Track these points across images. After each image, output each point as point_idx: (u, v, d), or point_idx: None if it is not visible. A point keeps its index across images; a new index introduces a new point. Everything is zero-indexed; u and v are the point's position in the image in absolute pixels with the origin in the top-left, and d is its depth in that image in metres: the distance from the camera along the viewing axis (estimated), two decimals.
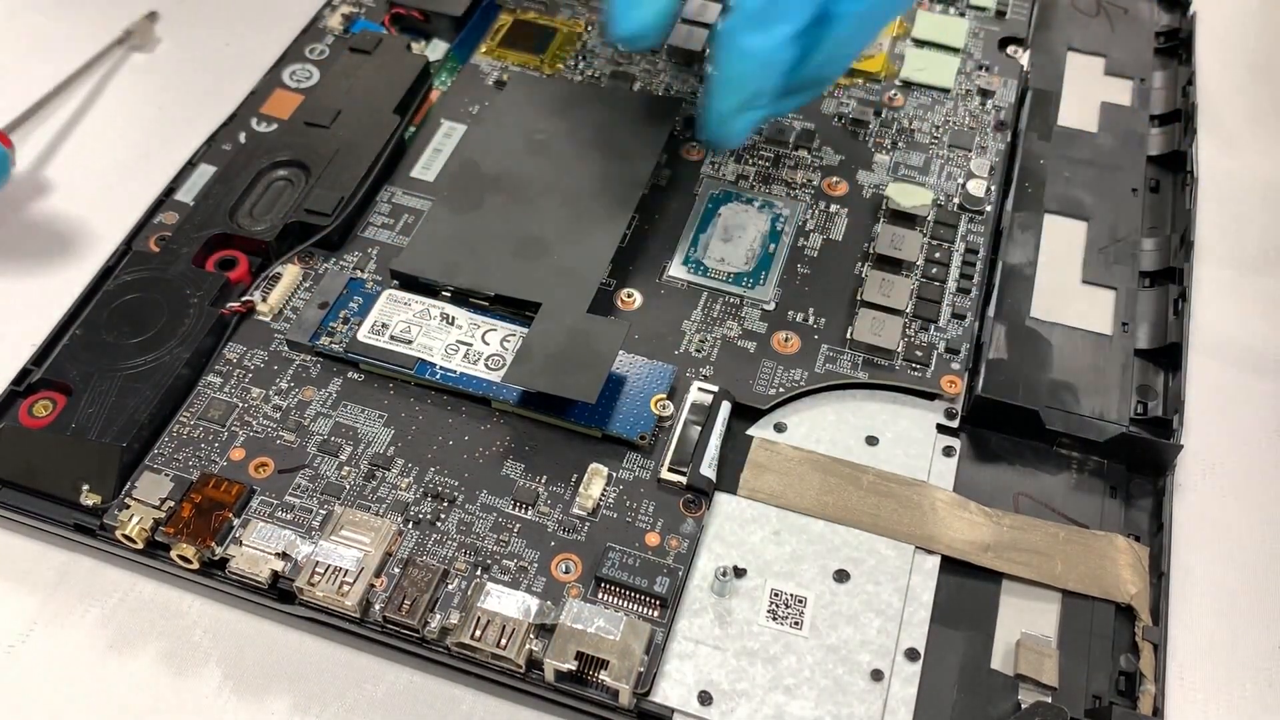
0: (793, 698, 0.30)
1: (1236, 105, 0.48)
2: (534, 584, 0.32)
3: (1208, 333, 0.40)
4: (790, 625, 0.31)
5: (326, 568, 0.31)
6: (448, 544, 0.32)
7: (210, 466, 0.34)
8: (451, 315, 0.37)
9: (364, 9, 0.49)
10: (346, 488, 0.34)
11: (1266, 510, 0.36)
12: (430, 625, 0.31)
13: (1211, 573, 0.34)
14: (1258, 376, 0.39)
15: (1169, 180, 0.43)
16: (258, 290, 0.38)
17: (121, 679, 0.32)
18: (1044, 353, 0.38)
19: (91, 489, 0.33)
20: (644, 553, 0.32)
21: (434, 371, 0.36)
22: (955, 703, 0.30)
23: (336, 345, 0.36)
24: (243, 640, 0.33)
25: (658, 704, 0.30)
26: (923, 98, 0.45)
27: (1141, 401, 0.37)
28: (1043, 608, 0.33)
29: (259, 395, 0.36)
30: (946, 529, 0.33)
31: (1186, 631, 0.33)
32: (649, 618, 0.31)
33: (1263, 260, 0.43)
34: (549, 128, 0.41)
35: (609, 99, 0.43)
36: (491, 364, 0.36)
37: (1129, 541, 0.33)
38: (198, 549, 0.32)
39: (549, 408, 0.35)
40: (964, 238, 0.40)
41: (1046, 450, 0.36)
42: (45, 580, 0.34)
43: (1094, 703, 0.31)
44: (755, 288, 0.39)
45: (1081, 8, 0.50)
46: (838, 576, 0.32)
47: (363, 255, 0.40)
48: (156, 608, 0.33)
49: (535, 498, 0.33)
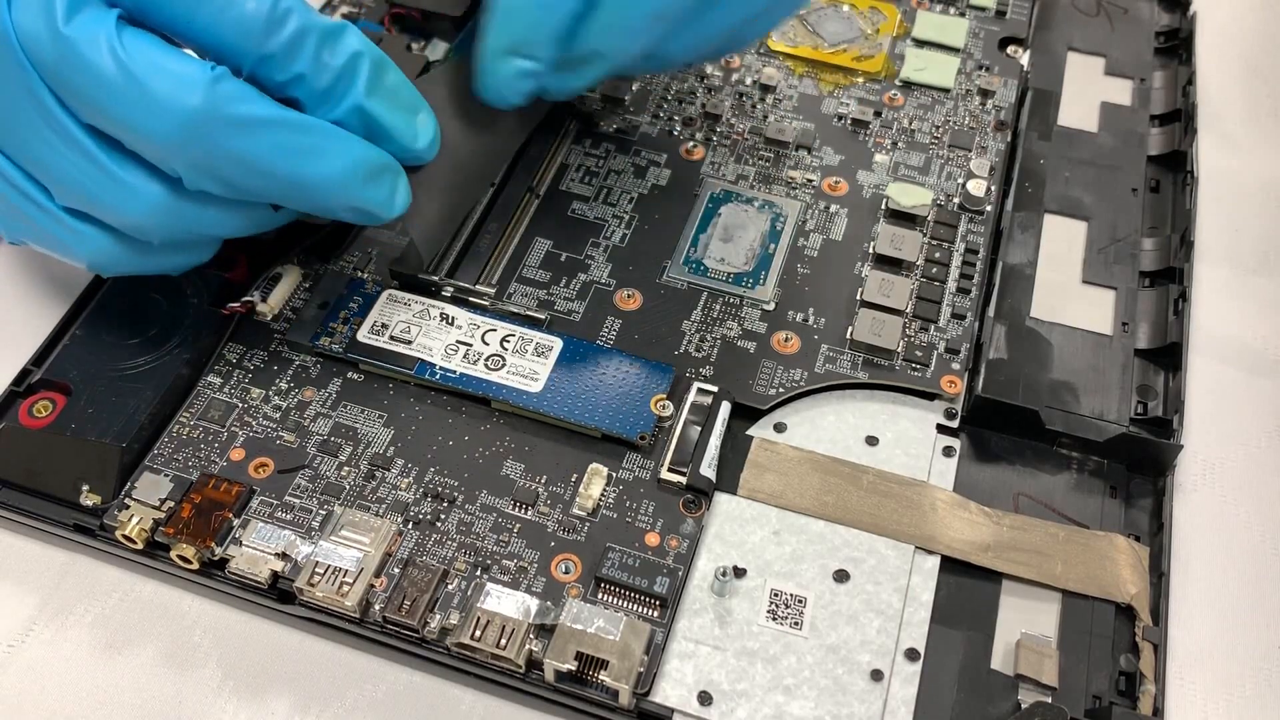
0: (793, 698, 0.30)
1: (1237, 105, 0.48)
2: (534, 584, 0.32)
3: (1208, 332, 0.40)
4: (790, 625, 0.31)
5: (326, 568, 0.31)
6: (447, 544, 0.32)
7: (210, 467, 0.34)
8: (451, 315, 0.37)
9: (364, 9, 0.49)
10: (346, 488, 0.34)
11: (1267, 510, 0.36)
12: (430, 625, 0.31)
13: (1212, 573, 0.34)
14: (1258, 376, 0.39)
15: (1169, 180, 0.43)
16: (258, 290, 0.38)
17: (121, 679, 0.32)
18: (1044, 353, 0.38)
19: (91, 489, 0.33)
20: (644, 553, 0.32)
21: (434, 372, 0.36)
22: (955, 703, 0.30)
23: (336, 346, 0.36)
24: (243, 640, 0.33)
25: (658, 704, 0.30)
26: (923, 98, 0.45)
27: (1142, 401, 0.37)
28: (1043, 608, 0.33)
29: (259, 395, 0.36)
30: (946, 529, 0.33)
31: (1186, 632, 0.33)
32: (649, 618, 0.31)
33: (1263, 260, 0.43)
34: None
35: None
36: (491, 364, 0.36)
37: (1129, 541, 0.33)
38: (197, 549, 0.32)
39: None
40: (964, 238, 0.40)
41: (1046, 450, 0.36)
42: (45, 580, 0.34)
43: (1094, 703, 0.31)
44: (755, 288, 0.39)
45: (1081, 8, 0.50)
46: (838, 576, 0.32)
47: (363, 255, 0.40)
48: (156, 608, 0.33)
49: (535, 498, 0.33)
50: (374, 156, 0.33)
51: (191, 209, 0.32)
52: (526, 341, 0.36)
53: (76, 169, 0.30)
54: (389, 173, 0.34)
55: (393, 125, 0.33)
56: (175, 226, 0.32)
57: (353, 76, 0.32)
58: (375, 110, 0.32)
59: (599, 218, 0.41)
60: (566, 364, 0.36)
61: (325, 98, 0.32)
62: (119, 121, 0.29)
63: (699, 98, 0.45)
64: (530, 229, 0.41)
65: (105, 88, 0.29)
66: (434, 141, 0.35)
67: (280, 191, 0.32)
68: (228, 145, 0.30)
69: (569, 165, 0.43)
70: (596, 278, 0.39)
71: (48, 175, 0.31)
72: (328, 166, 0.31)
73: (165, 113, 0.29)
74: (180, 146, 0.29)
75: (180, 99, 0.29)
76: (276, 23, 0.30)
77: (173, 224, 0.32)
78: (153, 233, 0.32)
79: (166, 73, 0.29)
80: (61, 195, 0.31)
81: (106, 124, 0.30)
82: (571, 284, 0.39)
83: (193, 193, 0.31)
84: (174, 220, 0.32)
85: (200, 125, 0.29)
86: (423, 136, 0.34)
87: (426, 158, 0.35)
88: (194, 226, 0.33)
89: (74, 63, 0.28)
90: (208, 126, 0.29)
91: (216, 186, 0.31)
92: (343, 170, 0.32)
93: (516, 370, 0.35)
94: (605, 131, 0.44)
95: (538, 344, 0.36)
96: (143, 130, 0.29)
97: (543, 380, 0.35)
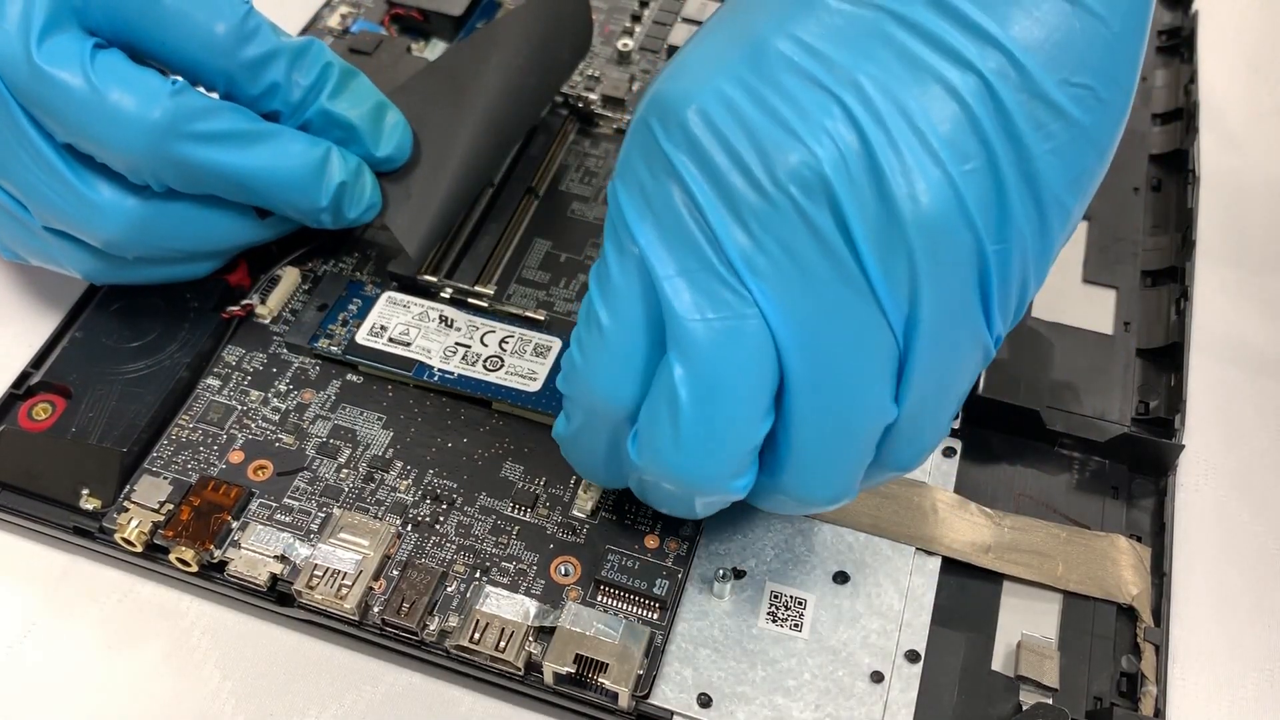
0: (793, 700, 0.30)
1: (1239, 104, 0.48)
2: (533, 586, 0.32)
3: (1210, 332, 0.40)
4: (790, 627, 0.31)
5: (325, 570, 0.31)
6: (447, 546, 0.32)
7: (209, 469, 0.34)
8: (450, 317, 0.37)
9: (363, 9, 0.49)
10: (345, 490, 0.34)
11: (1269, 510, 0.36)
12: (429, 628, 0.31)
13: (1213, 573, 0.34)
14: (1260, 376, 0.39)
15: (1171, 179, 0.43)
16: (257, 293, 0.38)
17: (120, 680, 0.32)
18: (1045, 353, 0.37)
19: (91, 493, 0.33)
20: (643, 555, 0.32)
21: (432, 373, 0.35)
22: (956, 704, 0.30)
23: (335, 348, 0.36)
24: (242, 642, 0.33)
25: (657, 707, 0.30)
26: None
27: (1143, 401, 0.36)
28: (1044, 609, 0.32)
29: (258, 398, 0.36)
30: (947, 530, 0.33)
31: (1188, 632, 0.33)
32: (648, 620, 0.31)
33: (1265, 259, 0.43)
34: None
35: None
36: (490, 365, 0.36)
37: (1130, 542, 0.33)
38: (197, 552, 0.32)
39: None
40: None
41: (1047, 450, 0.36)
42: (45, 581, 0.34)
43: (1095, 704, 0.31)
44: None
45: None
46: (838, 578, 0.32)
47: (362, 257, 0.40)
48: (155, 609, 0.33)
49: (534, 500, 0.33)
50: (336, 157, 0.35)
51: (164, 225, 0.34)
52: (525, 342, 0.36)
53: (49, 189, 0.32)
54: (354, 173, 0.35)
55: (360, 127, 0.35)
56: (148, 243, 0.34)
57: (321, 85, 0.34)
58: (341, 114, 0.35)
59: (598, 218, 0.41)
60: None
61: (298, 108, 0.34)
62: (89, 137, 0.31)
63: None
64: (530, 230, 0.41)
65: (76, 106, 0.30)
66: (404, 142, 0.36)
67: (249, 193, 0.34)
68: (190, 152, 0.32)
69: (569, 165, 0.43)
70: None
71: (25, 195, 0.33)
72: (289, 166, 0.34)
73: (131, 125, 0.31)
74: (147, 156, 0.31)
75: (144, 112, 0.31)
76: (245, 39, 0.32)
77: (145, 240, 0.34)
78: (127, 249, 0.34)
79: (131, 88, 0.31)
80: (38, 214, 0.33)
81: (79, 140, 0.31)
82: (571, 285, 0.39)
83: (165, 209, 0.33)
84: (146, 237, 0.33)
85: (164, 134, 0.31)
86: (390, 138, 0.36)
87: (399, 158, 0.37)
88: (168, 242, 0.34)
89: (48, 84, 0.30)
90: (171, 135, 0.31)
91: (186, 187, 0.33)
92: (303, 169, 0.34)
93: (515, 370, 0.35)
94: (605, 132, 0.44)
95: (536, 344, 0.36)
96: (111, 144, 0.31)
97: (541, 379, 0.35)
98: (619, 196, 0.26)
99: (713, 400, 0.25)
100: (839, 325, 0.24)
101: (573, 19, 0.41)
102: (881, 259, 0.24)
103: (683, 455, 0.26)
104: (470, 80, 0.38)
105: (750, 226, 0.24)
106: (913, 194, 0.23)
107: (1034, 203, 0.25)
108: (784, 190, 0.24)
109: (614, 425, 0.28)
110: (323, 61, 0.34)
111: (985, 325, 0.25)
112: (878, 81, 0.24)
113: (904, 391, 0.25)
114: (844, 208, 0.23)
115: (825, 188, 0.23)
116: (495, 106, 0.38)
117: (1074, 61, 0.25)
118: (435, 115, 0.38)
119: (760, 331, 0.25)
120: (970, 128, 0.24)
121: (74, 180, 0.32)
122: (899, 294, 0.24)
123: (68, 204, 0.32)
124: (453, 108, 0.38)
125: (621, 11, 0.49)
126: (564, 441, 0.30)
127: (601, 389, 0.27)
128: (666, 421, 0.26)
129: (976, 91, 0.24)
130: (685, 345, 0.25)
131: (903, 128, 0.23)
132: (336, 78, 0.35)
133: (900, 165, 0.23)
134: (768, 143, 0.24)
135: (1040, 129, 0.24)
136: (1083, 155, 0.26)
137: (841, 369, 0.25)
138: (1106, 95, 0.26)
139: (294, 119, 0.34)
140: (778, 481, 0.27)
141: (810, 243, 0.24)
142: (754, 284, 0.24)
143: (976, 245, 0.24)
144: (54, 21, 0.31)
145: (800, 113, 0.24)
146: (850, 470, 0.27)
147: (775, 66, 0.24)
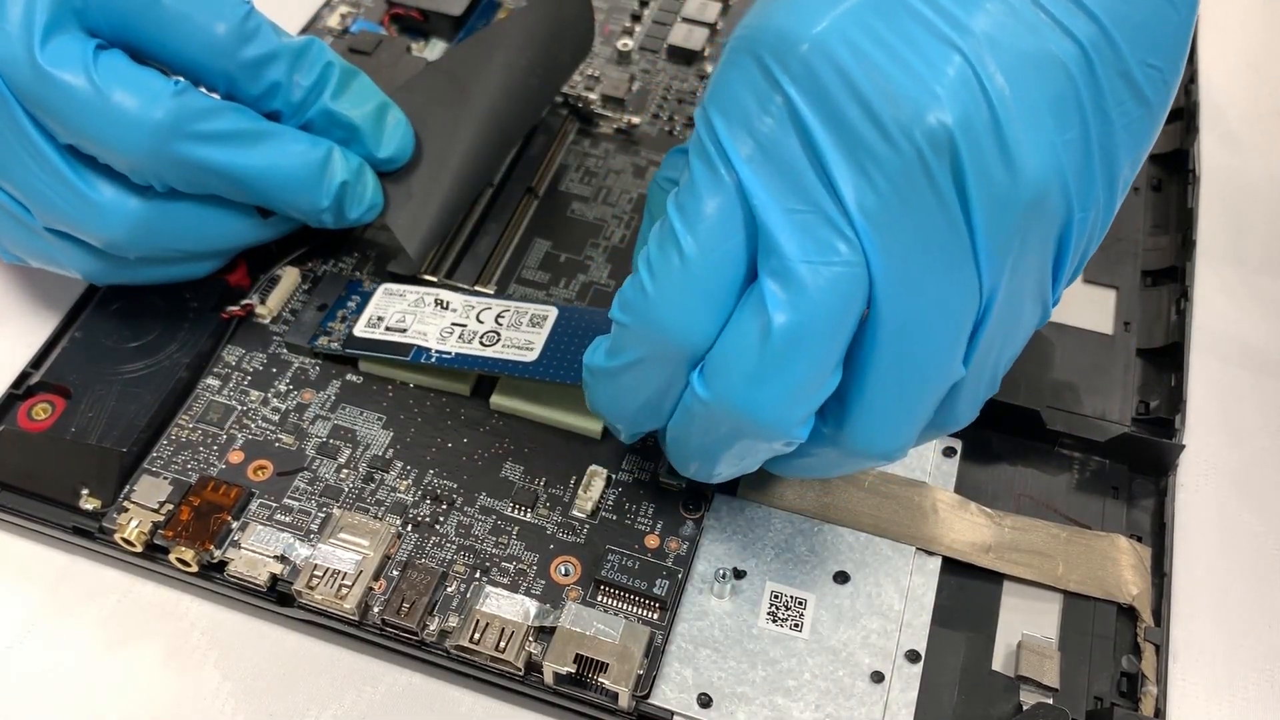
0: (793, 700, 0.30)
1: (1239, 104, 0.48)
2: (533, 586, 0.32)
3: (1210, 332, 0.40)
4: (790, 627, 0.31)
5: (325, 570, 0.31)
6: (447, 547, 0.32)
7: (209, 469, 0.34)
8: (445, 300, 0.37)
9: (362, 9, 0.49)
10: (345, 490, 0.34)
11: (1269, 510, 0.36)
12: (429, 628, 0.31)
13: (1214, 573, 0.34)
14: (1260, 375, 0.39)
15: (1171, 179, 0.43)
16: (257, 293, 0.38)
17: (120, 680, 0.32)
18: (1045, 353, 0.37)
19: (91, 493, 0.33)
20: (643, 555, 0.32)
21: (429, 355, 0.35)
22: (956, 704, 0.30)
23: (334, 344, 0.36)
24: (241, 642, 0.33)
25: (657, 707, 0.30)
26: None
27: (1143, 401, 0.36)
28: (1044, 609, 0.32)
29: (258, 398, 0.36)
30: (948, 530, 0.33)
31: (1188, 632, 0.33)
32: (648, 620, 0.31)
33: (1265, 259, 0.43)
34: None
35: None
36: (486, 340, 0.35)
37: (1131, 542, 0.33)
38: (196, 552, 0.32)
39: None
40: None
41: (1048, 450, 0.36)
42: (45, 581, 0.34)
43: (1095, 704, 0.31)
44: None
45: None
46: (838, 578, 0.32)
47: (362, 257, 0.40)
48: (155, 609, 0.33)
49: (534, 500, 0.33)
50: (338, 157, 0.35)
51: (166, 225, 0.34)
52: (521, 314, 0.36)
53: (51, 190, 0.32)
54: (355, 173, 0.35)
55: (362, 127, 0.35)
56: (150, 243, 0.34)
57: (322, 85, 0.34)
58: (343, 114, 0.35)
59: (598, 218, 0.41)
60: (562, 331, 0.35)
61: (299, 108, 0.34)
62: (92, 138, 0.31)
63: (699, 97, 0.45)
64: (529, 229, 0.41)
65: (78, 107, 0.31)
66: (405, 143, 0.37)
67: (251, 193, 0.34)
68: (193, 152, 0.32)
69: (568, 165, 0.43)
70: (596, 278, 0.39)
71: (26, 196, 0.33)
72: (291, 166, 0.34)
73: (134, 125, 0.31)
74: (150, 157, 0.31)
75: (146, 112, 0.31)
76: (245, 40, 0.32)
77: (147, 241, 0.34)
78: (129, 249, 0.34)
79: (134, 88, 0.31)
80: (40, 215, 0.33)
81: (81, 141, 0.31)
82: (571, 285, 0.39)
83: (167, 209, 0.33)
84: (148, 237, 0.34)
85: (167, 135, 0.31)
86: (392, 139, 0.36)
87: (401, 159, 0.37)
88: (170, 242, 0.34)
89: (50, 86, 0.30)
90: (174, 135, 0.31)
91: (189, 187, 0.33)
92: (305, 169, 0.34)
93: (511, 343, 0.35)
94: (605, 132, 0.44)
95: (533, 315, 0.36)
96: (114, 144, 0.31)
97: (538, 348, 0.35)
98: (716, 126, 0.25)
99: (803, 342, 0.24)
100: (938, 282, 0.24)
101: (575, 21, 0.41)
102: (989, 221, 0.24)
103: (760, 391, 0.25)
104: (472, 81, 0.38)
105: (872, 176, 0.24)
106: (1026, 162, 0.24)
107: (1107, 177, 0.25)
108: (915, 144, 0.23)
109: (674, 361, 0.26)
110: (323, 61, 0.34)
111: (1051, 290, 0.26)
112: (991, 37, 0.24)
113: (971, 351, 0.26)
114: (965, 168, 0.23)
115: (951, 146, 0.23)
116: (497, 107, 0.38)
117: (1149, 42, 0.25)
118: (437, 115, 0.38)
119: (863, 281, 0.24)
120: (1073, 98, 0.24)
121: (76, 181, 0.32)
122: (996, 257, 0.24)
123: (70, 205, 0.32)
124: (454, 108, 0.38)
125: (621, 11, 0.49)
126: (602, 376, 0.28)
127: (675, 320, 0.26)
128: (752, 356, 0.25)
129: (1078, 61, 0.24)
130: (792, 286, 0.24)
131: (1020, 90, 0.24)
132: (338, 78, 0.35)
133: (1019, 132, 0.23)
134: (899, 92, 0.23)
135: (1120, 105, 0.25)
136: (1147, 134, 0.26)
137: (931, 325, 0.25)
138: (1170, 79, 0.26)
139: (295, 119, 0.34)
140: (839, 433, 0.27)
141: (930, 199, 0.24)
142: (866, 233, 0.24)
143: (1066, 215, 0.25)
144: (56, 23, 0.31)
145: (928, 63, 0.23)
146: (915, 424, 0.27)
147: (896, 9, 0.24)
